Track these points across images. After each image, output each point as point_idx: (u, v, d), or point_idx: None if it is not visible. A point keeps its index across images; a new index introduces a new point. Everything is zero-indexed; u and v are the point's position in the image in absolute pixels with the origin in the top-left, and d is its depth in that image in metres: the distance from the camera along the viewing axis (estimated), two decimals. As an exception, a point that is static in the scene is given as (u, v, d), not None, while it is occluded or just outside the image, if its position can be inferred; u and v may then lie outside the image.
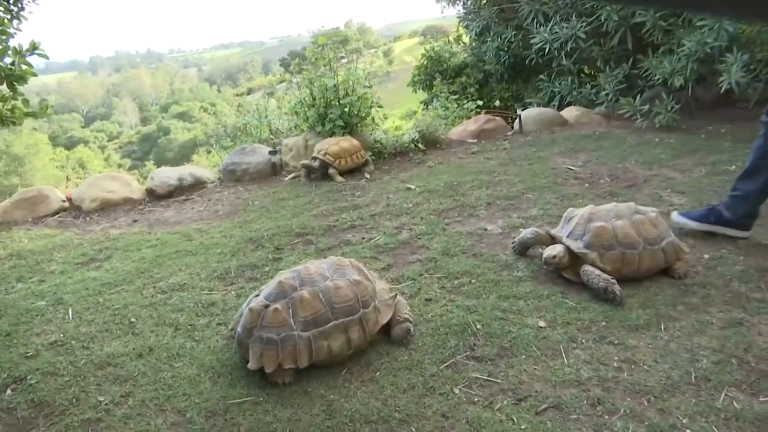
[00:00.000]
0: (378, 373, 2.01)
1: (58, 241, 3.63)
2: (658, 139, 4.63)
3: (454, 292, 2.50)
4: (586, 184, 3.76)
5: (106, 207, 4.27)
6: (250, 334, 2.03)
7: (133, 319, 2.54)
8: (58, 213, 4.24)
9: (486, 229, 3.16)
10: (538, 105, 6.26)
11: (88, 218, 4.14)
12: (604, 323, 2.18)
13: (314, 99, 4.63)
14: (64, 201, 4.31)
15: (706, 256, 2.65)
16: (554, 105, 6.18)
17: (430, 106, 7.15)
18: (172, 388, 2.03)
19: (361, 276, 2.14)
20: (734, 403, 1.74)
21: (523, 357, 2.03)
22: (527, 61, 6.47)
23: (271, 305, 2.04)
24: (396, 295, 2.23)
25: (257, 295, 2.14)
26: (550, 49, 5.89)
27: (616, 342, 2.07)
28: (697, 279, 2.45)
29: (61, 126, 46.25)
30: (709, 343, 2.02)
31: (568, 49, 5.66)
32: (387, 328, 2.19)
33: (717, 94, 4.79)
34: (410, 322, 2.18)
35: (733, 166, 3.78)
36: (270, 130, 5.39)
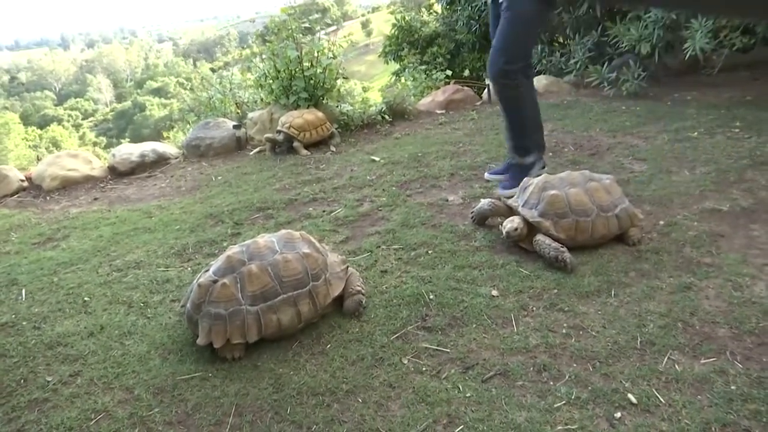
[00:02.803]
0: (328, 346, 2.01)
1: (16, 221, 3.56)
2: (624, 107, 4.63)
3: (411, 263, 2.50)
4: (550, 153, 3.75)
5: (67, 185, 4.18)
6: (199, 310, 2.00)
7: (86, 298, 2.50)
8: (17, 193, 4.15)
9: (447, 200, 3.15)
10: (509, 75, 6.20)
11: (48, 197, 4.06)
12: (555, 291, 2.19)
13: (278, 71, 4.54)
14: (23, 180, 4.21)
15: (661, 222, 2.67)
16: (525, 74, 6.13)
17: (402, 77, 7.07)
18: (121, 366, 2.01)
19: (311, 249, 2.12)
20: (676, 365, 1.76)
21: (474, 326, 2.03)
22: (498, 30, 6.38)
23: (220, 280, 2.01)
24: (348, 267, 2.21)
25: (207, 271, 2.11)
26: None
27: (566, 309, 2.08)
28: (650, 245, 2.47)
29: (33, 104, 45.20)
30: (657, 307, 2.04)
31: (538, 17, 5.59)
32: (340, 300, 2.18)
33: (684, 61, 4.79)
34: (362, 295, 2.17)
35: (696, 133, 3.80)
36: (236, 104, 5.30)
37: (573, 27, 5.67)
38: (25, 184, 4.21)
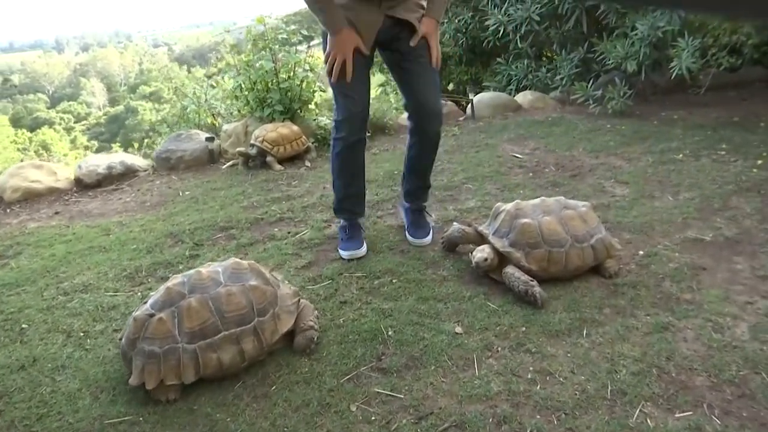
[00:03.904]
0: (273, 388, 1.84)
1: (-32, 236, 3.38)
2: (609, 126, 4.50)
3: (373, 293, 2.34)
4: (531, 174, 3.62)
5: (30, 198, 4.00)
6: (133, 346, 1.84)
7: (25, 325, 2.32)
8: (-25, 204, 3.96)
9: (419, 223, 2.99)
10: (494, 89, 6.09)
11: (8, 210, 3.87)
12: (524, 329, 2.04)
13: (253, 83, 4.39)
14: (-18, 192, 4.02)
15: (641, 252, 2.52)
16: (511, 89, 6.02)
17: (387, 89, 6.93)
18: (47, 406, 1.84)
19: (259, 280, 1.96)
20: (648, 420, 1.61)
21: (432, 368, 1.87)
22: (485, 43, 6.29)
23: (156, 314, 1.84)
24: (299, 300, 2.05)
25: (145, 303, 1.95)
26: (505, 31, 5.70)
27: (533, 350, 1.93)
28: (628, 278, 2.32)
29: (25, 107, 44.79)
30: (631, 351, 1.89)
31: (523, 31, 5.49)
32: (291, 335, 2.02)
33: (671, 79, 4.67)
34: (315, 330, 2.01)
35: (681, 155, 3.68)
36: (213, 115, 5.14)
37: (560, 42, 5.55)
38: (-15, 195, 4.02)
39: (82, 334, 2.23)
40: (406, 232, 2.77)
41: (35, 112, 42.81)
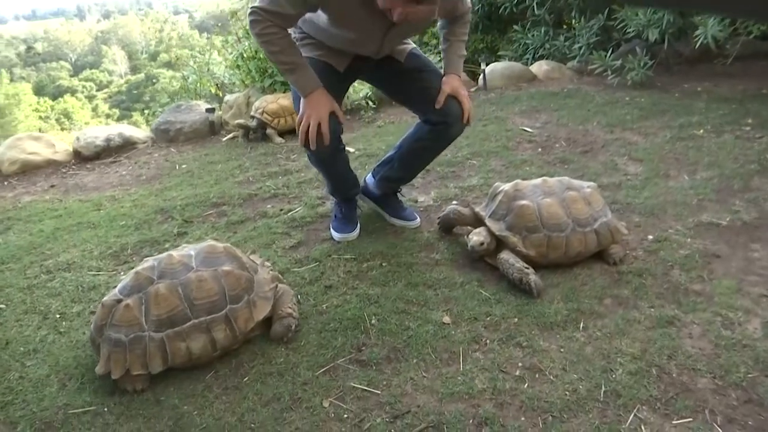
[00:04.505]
0: (246, 379, 1.74)
1: (-39, 209, 3.33)
2: (628, 98, 4.26)
3: (360, 277, 2.22)
4: (539, 149, 3.43)
5: (27, 170, 3.94)
6: (101, 333, 1.75)
7: (2, 305, 2.26)
8: (-27, 176, 3.91)
9: (417, 201, 2.85)
10: (510, 59, 5.84)
11: (5, 182, 3.82)
12: (516, 320, 1.90)
13: (254, 51, 4.22)
14: (-20, 163, 3.97)
15: (650, 237, 2.35)
16: (527, 59, 5.76)
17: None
18: (13, 393, 1.77)
19: (233, 265, 1.85)
20: (642, 426, 1.47)
21: (414, 361, 1.75)
22: (502, 10, 6.01)
23: (124, 300, 1.75)
24: (276, 286, 1.94)
25: (115, 288, 1.85)
26: (523, -3, 5.43)
27: (524, 344, 1.79)
28: (633, 266, 2.16)
29: (48, 75, 45.13)
30: (630, 347, 1.74)
31: (540, -3, 5.21)
32: (269, 322, 1.92)
33: (696, 48, 4.39)
34: (293, 318, 1.90)
35: (702, 130, 3.45)
36: (216, 86, 5.00)
37: (579, 8, 5.27)
38: (-17, 167, 3.97)
39: (58, 316, 2.15)
40: (391, 218, 2.61)
41: (58, 80, 43.10)
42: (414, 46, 2.35)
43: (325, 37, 2.15)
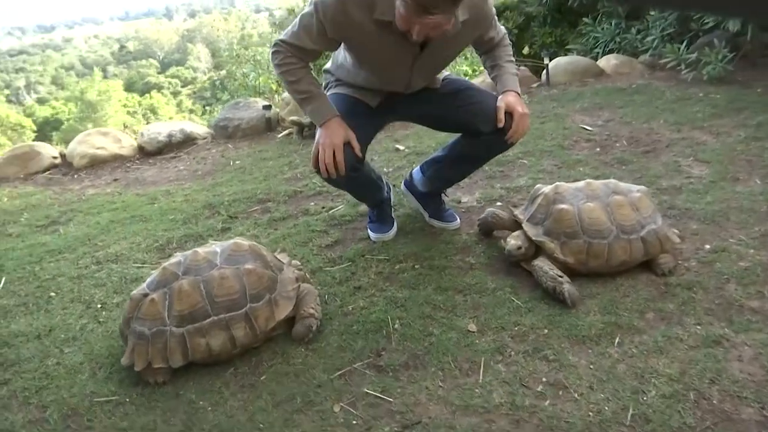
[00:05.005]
0: (263, 378, 1.74)
1: (33, 201, 3.54)
2: (702, 94, 3.96)
3: (390, 279, 2.17)
4: (598, 149, 3.25)
5: (95, 164, 4.15)
6: (128, 326, 1.80)
7: (53, 293, 2.38)
8: (48, 169, 4.17)
9: (460, 201, 2.76)
10: (579, 53, 5.59)
11: (75, 176, 4.04)
12: (546, 331, 1.80)
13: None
14: (55, 157, 4.22)
15: (707, 246, 2.16)
16: (597, 53, 5.49)
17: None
18: (48, 378, 1.85)
19: (256, 264, 1.85)
20: (670, 456, 1.34)
21: (433, 370, 1.69)
22: (572, 1, 5.77)
23: (150, 295, 1.79)
24: (299, 286, 1.92)
25: (145, 281, 1.90)
26: (594, -13, 5.17)
27: (551, 357, 1.69)
28: (684, 277, 1.99)
29: (138, 72, 47.86)
30: (668, 367, 1.60)
31: (612, -13, 4.94)
32: (293, 321, 1.91)
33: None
34: (315, 318, 1.88)
35: (781, 130, 3.15)
36: (277, 83, 5.08)
37: (654, -1, 4.95)
38: (57, 161, 4.22)
39: (99, 306, 2.24)
40: (431, 218, 2.54)
41: (146, 77, 45.58)
42: (448, 73, 2.29)
43: (354, 78, 2.13)
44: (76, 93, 25.82)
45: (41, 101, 37.67)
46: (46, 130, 25.03)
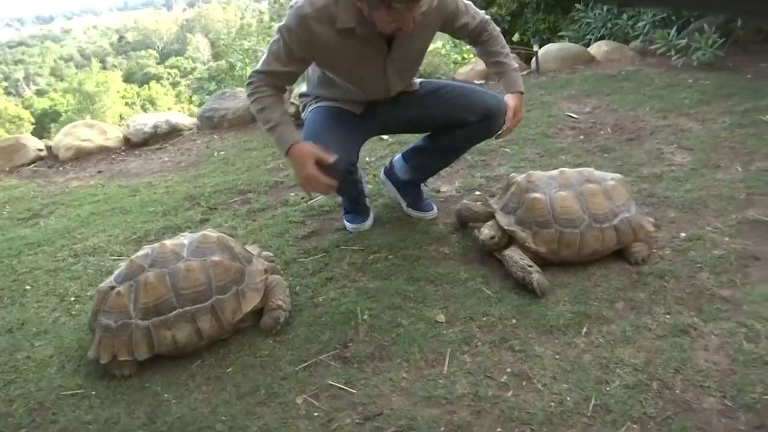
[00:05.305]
0: (229, 370, 1.73)
1: (17, 194, 3.53)
2: (691, 80, 3.92)
3: (363, 270, 2.16)
4: (582, 136, 3.22)
5: (81, 156, 4.13)
6: (96, 319, 1.79)
7: (28, 287, 2.37)
8: (34, 162, 4.15)
9: (439, 191, 2.75)
10: (571, 39, 5.54)
11: (60, 168, 4.03)
12: (514, 321, 1.78)
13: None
14: (41, 150, 4.21)
15: (682, 234, 2.14)
16: (590, 39, 5.43)
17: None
18: (17, 372, 1.85)
19: (224, 255, 1.84)
20: (629, 447, 1.33)
21: (398, 361, 1.68)
22: (563, -13, 5.71)
23: (116, 287, 1.78)
24: (267, 277, 1.91)
25: (113, 273, 1.89)
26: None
27: (517, 348, 1.68)
28: (657, 266, 1.98)
29: (137, 62, 47.71)
30: (634, 357, 1.59)
31: (603, -29, 4.87)
32: (262, 313, 1.90)
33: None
34: (283, 310, 1.86)
35: None
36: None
37: (645, -16, 4.89)
38: (43, 153, 4.20)
39: (73, 298, 2.23)
40: (408, 208, 2.52)
41: (146, 67, 45.41)
42: (423, 79, 2.34)
43: (334, 93, 2.14)
44: (74, 84, 25.75)
45: (40, 93, 37.64)
46: (44, 122, 25.01)
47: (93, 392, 1.71)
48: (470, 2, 2.10)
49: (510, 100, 2.16)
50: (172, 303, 1.74)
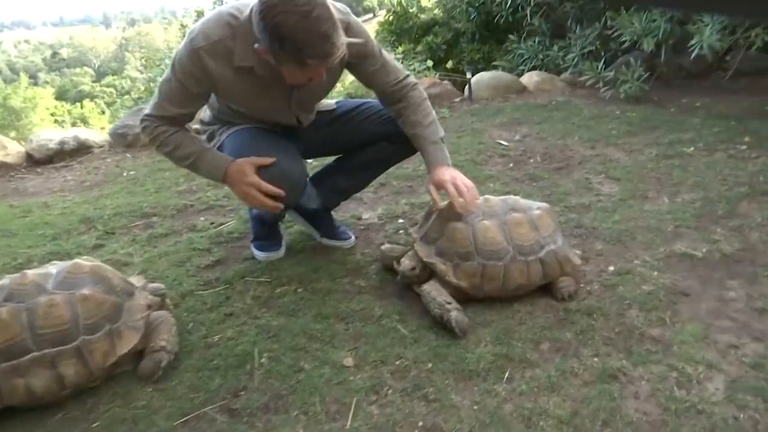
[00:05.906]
0: (95, 425, 1.46)
1: None
2: (618, 112, 3.94)
3: (268, 304, 1.93)
4: (511, 164, 3.12)
5: (-25, 172, 3.73)
6: (-63, 363, 1.48)
7: None
8: None
9: (360, 218, 2.56)
10: (505, 69, 5.55)
11: (-51, 184, 3.61)
12: (429, 365, 1.60)
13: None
14: (-73, 164, 3.77)
15: (611, 268, 2.03)
16: (522, 69, 5.46)
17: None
18: None
19: (96, 288, 1.57)
20: None
21: (295, 414, 1.46)
22: (498, 18, 5.75)
23: (-39, 326, 1.48)
24: (149, 314, 1.65)
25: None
26: (520, 5, 5.15)
27: (431, 397, 1.49)
28: (584, 303, 1.84)
29: (71, 80, 45.85)
30: (559, 407, 1.43)
31: (536, 4, 4.92)
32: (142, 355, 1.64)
33: (695, 61, 4.06)
34: (166, 352, 1.61)
35: (692, 148, 3.12)
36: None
37: (576, 17, 4.97)
38: (-71, 168, 3.76)
39: (-77, 336, 1.89)
40: (323, 238, 2.31)
41: (80, 85, 43.71)
42: (338, 99, 2.18)
43: (244, 119, 1.93)
44: (-1, 100, 24.35)
45: (-38, 107, 35.42)
46: (-37, 137, 23.38)
47: None
48: (394, 60, 1.95)
49: (439, 174, 1.84)
50: (27, 345, 1.46)
